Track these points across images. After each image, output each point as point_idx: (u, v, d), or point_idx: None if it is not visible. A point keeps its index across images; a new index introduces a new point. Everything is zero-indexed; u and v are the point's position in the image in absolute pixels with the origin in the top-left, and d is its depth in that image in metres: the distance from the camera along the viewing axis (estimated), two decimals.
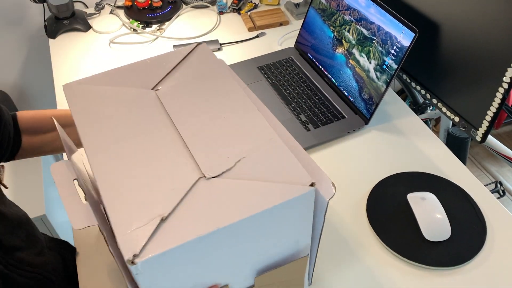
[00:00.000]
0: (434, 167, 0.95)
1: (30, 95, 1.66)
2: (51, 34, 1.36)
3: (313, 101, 1.09)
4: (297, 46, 1.26)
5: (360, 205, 0.88)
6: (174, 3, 1.44)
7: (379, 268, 0.78)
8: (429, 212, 0.82)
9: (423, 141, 1.00)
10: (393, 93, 1.14)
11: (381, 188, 0.90)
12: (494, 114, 0.89)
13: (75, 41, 1.34)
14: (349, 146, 1.00)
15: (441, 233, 0.80)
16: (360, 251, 0.81)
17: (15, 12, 1.44)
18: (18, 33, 1.49)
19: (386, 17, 0.95)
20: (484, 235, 0.82)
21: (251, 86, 1.14)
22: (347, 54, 1.07)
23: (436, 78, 1.02)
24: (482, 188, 0.90)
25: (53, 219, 1.40)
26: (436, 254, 0.79)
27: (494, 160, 2.12)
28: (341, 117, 1.05)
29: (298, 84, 1.14)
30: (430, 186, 0.89)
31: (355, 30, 1.04)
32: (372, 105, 1.01)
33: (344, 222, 0.85)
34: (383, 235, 0.82)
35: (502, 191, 1.63)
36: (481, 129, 0.93)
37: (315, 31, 1.17)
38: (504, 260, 0.79)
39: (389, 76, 0.96)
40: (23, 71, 1.59)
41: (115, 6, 1.44)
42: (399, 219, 0.84)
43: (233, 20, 1.42)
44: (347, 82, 1.08)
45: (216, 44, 1.30)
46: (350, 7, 1.05)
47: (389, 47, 0.95)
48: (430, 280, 0.76)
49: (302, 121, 1.04)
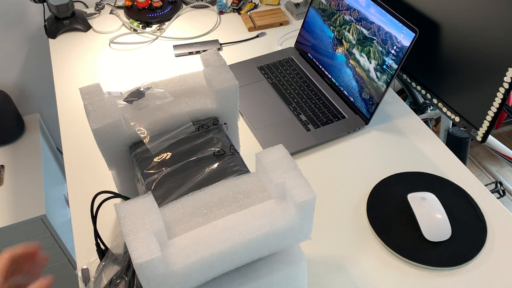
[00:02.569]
0: (434, 167, 0.95)
1: (30, 95, 1.66)
2: (51, 34, 1.36)
3: (313, 101, 1.09)
4: (297, 46, 1.26)
5: (360, 205, 0.88)
6: (174, 3, 1.44)
7: (379, 268, 0.78)
8: (429, 212, 0.82)
9: (423, 141, 1.00)
10: (393, 93, 1.14)
11: (381, 188, 0.90)
12: (494, 114, 0.89)
13: (75, 41, 1.34)
14: (349, 146, 1.00)
15: (441, 233, 0.80)
16: (360, 251, 0.81)
17: (15, 12, 1.44)
18: (18, 33, 1.49)
19: (386, 17, 0.95)
20: (484, 235, 0.82)
21: (251, 86, 1.14)
22: (347, 54, 1.07)
23: (436, 78, 1.02)
24: (482, 188, 0.90)
25: (53, 219, 1.40)
26: (436, 254, 0.79)
27: (494, 160, 2.12)
28: (341, 117, 1.05)
29: (298, 84, 1.14)
30: (430, 186, 0.89)
31: (355, 30, 1.04)
32: (372, 105, 1.01)
33: (344, 222, 0.85)
34: (383, 235, 0.82)
35: (502, 191, 1.63)
36: (482, 129, 0.93)
37: (315, 31, 1.17)
38: (505, 260, 0.79)
39: (389, 76, 0.96)
40: (23, 71, 1.59)
41: (115, 6, 1.44)
42: (399, 219, 0.84)
43: (233, 20, 1.42)
44: (347, 82, 1.08)
45: (216, 44, 1.29)
46: (350, 7, 1.05)
47: (389, 47, 0.95)
48: (430, 280, 0.76)
49: (302, 121, 1.04)
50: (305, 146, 0.99)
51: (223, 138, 0.70)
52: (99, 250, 0.74)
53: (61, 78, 1.22)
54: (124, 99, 0.70)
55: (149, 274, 0.50)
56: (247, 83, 1.15)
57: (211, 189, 0.60)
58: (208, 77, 0.73)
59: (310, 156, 0.98)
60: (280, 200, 0.57)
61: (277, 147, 0.60)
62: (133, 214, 0.53)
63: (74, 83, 1.19)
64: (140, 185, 0.71)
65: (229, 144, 0.69)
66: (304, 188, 0.54)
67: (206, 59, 0.75)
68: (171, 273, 0.52)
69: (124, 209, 0.53)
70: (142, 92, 0.71)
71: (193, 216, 0.56)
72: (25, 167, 1.47)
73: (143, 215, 0.52)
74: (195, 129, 0.70)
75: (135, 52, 1.29)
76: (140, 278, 0.52)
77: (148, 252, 0.49)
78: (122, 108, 0.70)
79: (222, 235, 0.53)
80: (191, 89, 0.75)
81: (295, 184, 0.55)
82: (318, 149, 1.00)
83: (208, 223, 0.55)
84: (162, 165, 0.66)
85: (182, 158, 0.66)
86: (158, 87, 0.73)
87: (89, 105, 0.67)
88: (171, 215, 0.57)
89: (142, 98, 0.70)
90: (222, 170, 0.64)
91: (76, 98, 1.15)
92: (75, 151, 1.01)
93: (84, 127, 1.06)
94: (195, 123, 0.71)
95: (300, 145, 0.99)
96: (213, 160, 0.66)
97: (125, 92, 0.72)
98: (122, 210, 0.53)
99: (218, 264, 0.54)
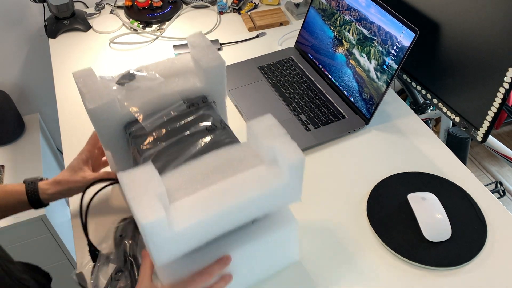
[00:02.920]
0: (434, 167, 0.95)
1: (30, 95, 1.66)
2: (51, 34, 1.36)
3: (314, 101, 1.09)
4: (297, 46, 1.26)
5: (360, 205, 0.88)
6: (174, 3, 1.44)
7: (379, 268, 0.78)
8: (430, 212, 0.82)
9: (423, 141, 1.00)
10: (393, 93, 1.14)
11: (381, 188, 0.90)
12: (494, 114, 0.89)
13: (75, 41, 1.34)
14: (350, 146, 1.00)
15: (441, 233, 0.80)
16: (360, 251, 0.81)
17: (15, 12, 1.44)
18: (18, 33, 1.49)
19: (387, 17, 0.95)
20: (484, 235, 0.82)
21: (251, 86, 1.14)
22: (347, 54, 1.07)
23: (436, 78, 1.02)
24: (482, 188, 0.90)
25: (53, 219, 1.40)
26: (436, 254, 0.79)
27: (495, 160, 2.12)
28: (341, 117, 1.05)
29: (298, 84, 1.14)
30: (431, 186, 0.89)
31: (356, 30, 1.04)
32: (372, 105, 1.01)
33: (344, 222, 0.85)
34: (383, 235, 0.82)
35: (503, 191, 1.63)
36: (482, 129, 0.93)
37: (315, 31, 1.17)
38: (505, 261, 0.79)
39: (390, 76, 0.96)
40: (23, 71, 1.59)
41: (115, 6, 1.44)
42: (400, 219, 0.84)
43: (233, 20, 1.42)
44: (348, 82, 1.08)
45: (216, 44, 1.29)
46: (351, 7, 1.05)
47: (390, 47, 0.95)
48: (430, 280, 0.76)
49: (303, 121, 1.04)
50: (305, 146, 0.99)
51: (214, 114, 0.73)
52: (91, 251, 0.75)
53: (61, 78, 1.22)
54: (116, 82, 0.73)
55: (154, 234, 0.54)
56: (247, 83, 1.15)
57: (206, 158, 0.63)
58: (196, 57, 0.74)
59: (310, 156, 0.98)
60: (272, 164, 0.61)
61: (266, 116, 0.64)
62: (136, 181, 0.56)
63: (74, 83, 1.19)
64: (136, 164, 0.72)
65: (219, 119, 0.72)
66: (294, 151, 0.59)
67: (192, 41, 0.77)
68: (174, 233, 0.55)
69: (127, 176, 0.56)
70: (133, 75, 0.73)
71: (191, 183, 0.60)
72: (25, 167, 1.47)
73: (146, 181, 0.56)
74: (186, 107, 0.73)
75: (135, 52, 1.29)
76: (146, 239, 0.55)
77: (153, 213, 0.52)
78: (115, 90, 0.72)
79: (220, 197, 0.58)
80: (180, 71, 0.77)
81: (285, 148, 0.59)
82: (318, 149, 1.00)
83: (206, 187, 0.59)
84: (157, 140, 0.68)
85: (176, 134, 0.69)
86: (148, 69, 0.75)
87: (83, 88, 0.69)
88: (170, 183, 0.60)
89: (133, 80, 0.73)
90: (215, 143, 0.67)
91: (76, 98, 1.15)
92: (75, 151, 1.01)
93: (84, 127, 1.06)
94: (185, 102, 0.73)
95: (300, 145, 0.98)
96: (206, 134, 0.68)
97: (116, 76, 0.74)
98: (126, 178, 0.56)
99: (218, 224, 0.59)
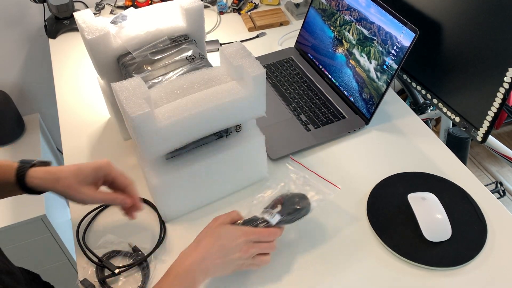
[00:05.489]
0: (434, 167, 0.95)
1: (30, 95, 1.66)
2: (51, 34, 1.36)
3: (314, 101, 1.09)
4: (297, 46, 1.26)
5: (360, 205, 0.88)
6: None
7: (379, 268, 0.78)
8: (430, 212, 0.82)
9: (424, 141, 1.00)
10: (393, 93, 1.14)
11: (381, 188, 0.90)
12: (495, 114, 0.89)
13: (75, 41, 1.34)
14: (349, 146, 1.00)
15: (441, 233, 0.80)
16: (360, 251, 0.81)
17: (15, 12, 1.44)
18: (18, 33, 1.49)
19: (387, 17, 0.95)
20: (484, 235, 0.82)
21: None
22: (347, 54, 1.07)
23: (436, 78, 1.02)
24: (482, 188, 0.90)
25: (53, 219, 1.40)
26: (437, 254, 0.79)
27: (495, 160, 2.12)
28: (341, 117, 1.05)
29: (298, 84, 1.14)
30: (431, 186, 0.89)
31: (356, 30, 1.04)
32: (372, 105, 1.01)
33: (344, 222, 0.85)
34: (383, 235, 0.82)
35: (503, 191, 1.63)
36: (482, 129, 0.93)
37: (315, 31, 1.17)
38: (505, 261, 0.79)
39: (390, 76, 0.96)
40: (23, 71, 1.59)
41: (115, 6, 1.44)
42: (400, 219, 0.84)
43: (233, 20, 1.42)
44: (348, 82, 1.08)
45: (216, 44, 1.29)
46: (351, 7, 1.05)
47: (390, 47, 0.95)
48: (430, 280, 0.76)
49: (302, 121, 1.04)
50: (305, 146, 0.99)
51: (194, 48, 0.86)
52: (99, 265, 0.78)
53: (61, 78, 1.22)
54: (111, 21, 0.87)
55: (141, 127, 0.68)
56: None
57: (184, 77, 0.77)
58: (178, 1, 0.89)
59: (310, 156, 0.98)
60: (239, 81, 0.76)
61: (234, 43, 0.78)
62: (127, 87, 0.70)
63: (74, 83, 1.19)
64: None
65: (198, 52, 0.85)
66: (257, 67, 0.74)
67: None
68: (158, 128, 0.69)
69: (119, 85, 0.70)
70: (124, 15, 0.88)
71: (172, 95, 0.74)
72: None
73: (134, 88, 0.70)
74: (170, 42, 0.86)
75: None
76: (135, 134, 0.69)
77: (140, 108, 0.67)
78: (110, 27, 0.86)
79: (196, 103, 0.72)
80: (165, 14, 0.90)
81: (250, 65, 0.74)
82: (318, 149, 1.00)
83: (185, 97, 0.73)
84: (145, 67, 0.82)
85: (160, 62, 0.83)
86: (137, 13, 0.90)
87: (83, 23, 0.83)
88: (154, 94, 0.74)
89: (125, 20, 0.87)
90: (194, 69, 0.81)
91: (76, 98, 1.15)
92: (75, 151, 1.01)
93: (84, 127, 1.06)
94: (170, 39, 0.87)
95: (300, 145, 0.99)
96: (186, 63, 0.83)
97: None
98: (118, 86, 0.70)
99: (195, 126, 0.73)
